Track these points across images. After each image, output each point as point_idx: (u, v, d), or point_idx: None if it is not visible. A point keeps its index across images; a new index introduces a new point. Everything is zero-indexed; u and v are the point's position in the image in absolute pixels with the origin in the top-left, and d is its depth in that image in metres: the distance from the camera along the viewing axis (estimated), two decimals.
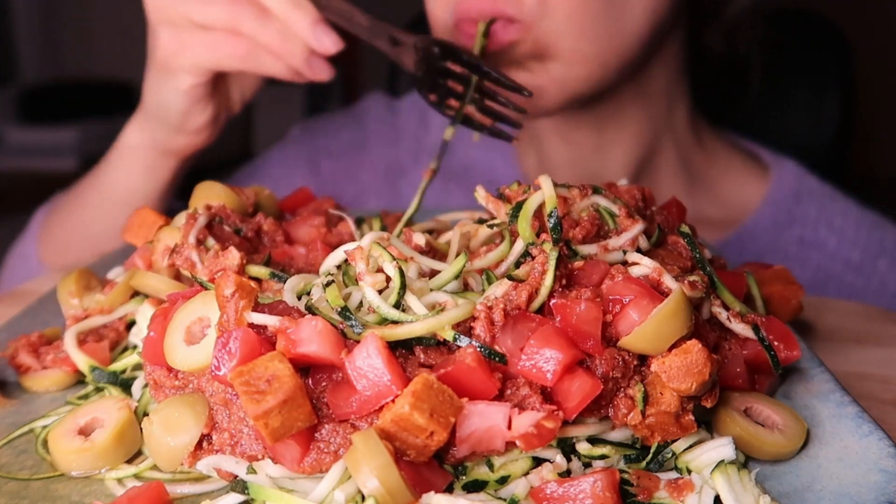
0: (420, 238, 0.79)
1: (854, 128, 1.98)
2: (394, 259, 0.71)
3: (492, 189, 0.85)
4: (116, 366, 0.83)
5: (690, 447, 0.69)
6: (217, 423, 0.68)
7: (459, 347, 0.66)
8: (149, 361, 0.73)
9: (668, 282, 0.72)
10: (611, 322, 0.69)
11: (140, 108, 1.28)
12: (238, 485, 0.65)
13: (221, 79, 1.24)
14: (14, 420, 0.79)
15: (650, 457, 0.69)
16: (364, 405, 0.63)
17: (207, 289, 0.74)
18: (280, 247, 0.92)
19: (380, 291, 0.70)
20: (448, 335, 0.66)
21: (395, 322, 0.67)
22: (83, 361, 0.83)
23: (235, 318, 0.67)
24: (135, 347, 0.86)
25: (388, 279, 0.71)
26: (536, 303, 0.70)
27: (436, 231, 1.02)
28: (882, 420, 0.72)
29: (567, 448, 0.68)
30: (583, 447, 0.68)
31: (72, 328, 0.86)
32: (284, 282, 0.77)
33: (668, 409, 0.68)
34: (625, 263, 0.75)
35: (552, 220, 0.76)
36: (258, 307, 0.68)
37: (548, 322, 0.68)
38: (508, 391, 0.65)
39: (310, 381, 0.66)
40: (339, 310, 0.68)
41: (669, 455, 0.69)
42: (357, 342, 0.65)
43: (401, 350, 0.67)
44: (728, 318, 0.77)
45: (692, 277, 0.75)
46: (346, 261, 0.75)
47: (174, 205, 1.55)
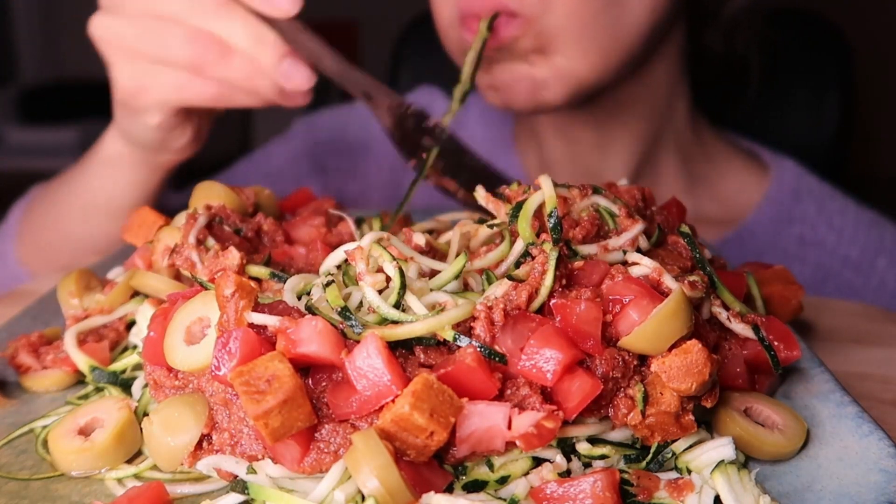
0: (420, 238, 0.80)
1: (854, 128, 1.98)
2: (394, 259, 0.71)
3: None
4: (116, 366, 0.83)
5: (690, 447, 0.69)
6: (217, 423, 0.68)
7: (459, 347, 0.66)
8: (149, 361, 0.73)
9: (668, 282, 0.72)
10: (611, 322, 0.69)
11: (115, 123, 1.22)
12: (238, 485, 0.65)
13: None
14: (14, 420, 0.78)
15: (650, 457, 0.69)
16: (364, 405, 0.63)
17: (207, 289, 0.74)
18: (280, 247, 0.92)
19: (380, 291, 0.70)
20: (448, 335, 0.66)
21: (395, 322, 0.67)
22: (83, 361, 0.83)
23: (235, 318, 0.67)
24: (135, 347, 0.86)
25: (388, 279, 0.71)
26: (536, 303, 0.70)
27: (436, 231, 1.02)
28: (882, 420, 0.72)
29: (567, 448, 0.68)
30: (583, 447, 0.68)
31: (72, 328, 0.86)
32: (284, 282, 0.77)
33: (668, 409, 0.68)
34: (625, 263, 0.75)
35: (552, 220, 0.76)
36: (258, 307, 0.68)
37: (548, 322, 0.68)
38: (508, 391, 0.65)
39: (310, 381, 0.66)
40: (339, 310, 0.68)
41: (669, 455, 0.69)
42: (357, 342, 0.65)
43: (401, 350, 0.67)
44: (728, 318, 0.77)
45: (692, 277, 0.75)
46: (346, 261, 0.75)
47: (166, 199, 1.54)
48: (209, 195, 0.95)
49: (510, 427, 0.63)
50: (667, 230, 0.84)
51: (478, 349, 0.65)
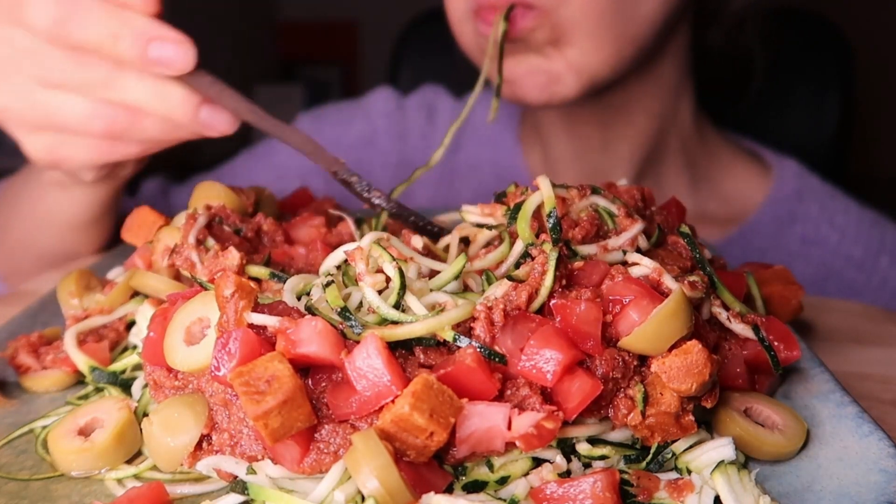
0: (418, 242, 0.80)
1: (854, 128, 1.99)
2: (394, 259, 0.71)
3: (498, 186, 0.85)
4: (116, 366, 0.82)
5: (690, 447, 0.69)
6: (217, 424, 0.68)
7: (459, 348, 0.66)
8: (148, 362, 0.73)
9: (668, 282, 0.71)
10: (611, 322, 0.69)
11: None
12: (238, 485, 0.65)
13: None
14: (14, 420, 0.78)
15: (650, 457, 0.69)
16: (364, 405, 0.63)
17: (207, 289, 0.74)
18: (280, 247, 0.92)
19: (380, 292, 0.70)
20: (448, 335, 0.66)
21: (395, 322, 0.67)
22: (83, 362, 0.83)
23: (235, 319, 0.67)
24: (135, 347, 0.86)
25: (388, 279, 0.71)
26: (536, 303, 0.69)
27: None
28: (882, 420, 0.72)
29: (567, 448, 0.68)
30: (583, 447, 0.68)
31: (72, 328, 0.86)
32: (284, 282, 0.77)
33: (668, 410, 0.68)
34: (625, 264, 0.75)
35: (551, 221, 0.76)
36: (258, 307, 0.68)
37: (548, 322, 0.68)
38: (508, 391, 0.65)
39: (310, 382, 0.66)
40: (339, 310, 0.68)
41: (669, 455, 0.69)
42: (357, 342, 0.65)
43: (401, 350, 0.67)
44: (728, 319, 0.77)
45: (692, 277, 0.75)
46: (346, 261, 0.75)
47: (167, 198, 1.51)
48: (209, 195, 0.95)
49: (510, 427, 0.63)
50: (666, 230, 0.84)
51: (478, 349, 0.65)
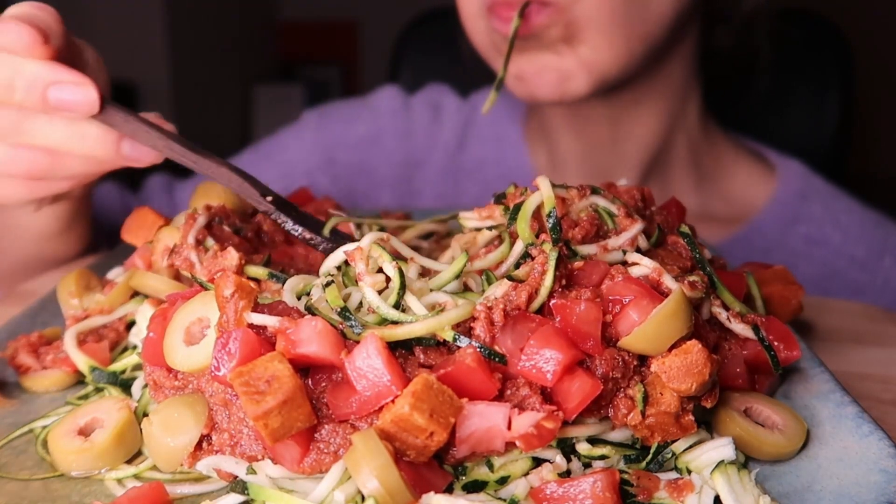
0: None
1: (854, 128, 1.99)
2: (393, 259, 0.71)
3: (504, 184, 0.85)
4: (116, 366, 0.82)
5: (690, 447, 0.69)
6: (217, 424, 0.68)
7: (459, 348, 0.66)
8: (148, 362, 0.73)
9: (668, 282, 0.72)
10: (611, 322, 0.69)
11: None
12: (238, 485, 0.65)
13: None
14: (14, 420, 0.78)
15: (650, 457, 0.69)
16: (364, 405, 0.63)
17: (207, 289, 0.74)
18: (280, 247, 0.92)
19: (379, 292, 0.70)
20: (448, 335, 0.66)
21: (395, 322, 0.67)
22: (83, 362, 0.83)
23: (235, 319, 0.67)
24: (135, 347, 0.86)
25: (388, 279, 0.71)
26: (536, 303, 0.69)
27: (435, 233, 1.02)
28: (882, 420, 0.72)
29: (567, 448, 0.68)
30: (583, 447, 0.68)
31: (72, 328, 0.86)
32: (283, 282, 0.77)
33: (668, 410, 0.68)
34: (624, 264, 0.75)
35: (551, 221, 0.76)
36: (258, 308, 0.68)
37: (548, 322, 0.68)
38: (508, 391, 0.65)
39: (310, 382, 0.66)
40: (339, 310, 0.68)
41: (669, 455, 0.69)
42: (357, 342, 0.65)
43: (401, 350, 0.67)
44: (728, 319, 0.77)
45: (692, 277, 0.75)
46: (346, 261, 0.75)
47: (168, 197, 1.50)
48: (209, 195, 0.95)
49: (510, 427, 0.63)
50: (666, 230, 0.84)
51: (478, 349, 0.65)
